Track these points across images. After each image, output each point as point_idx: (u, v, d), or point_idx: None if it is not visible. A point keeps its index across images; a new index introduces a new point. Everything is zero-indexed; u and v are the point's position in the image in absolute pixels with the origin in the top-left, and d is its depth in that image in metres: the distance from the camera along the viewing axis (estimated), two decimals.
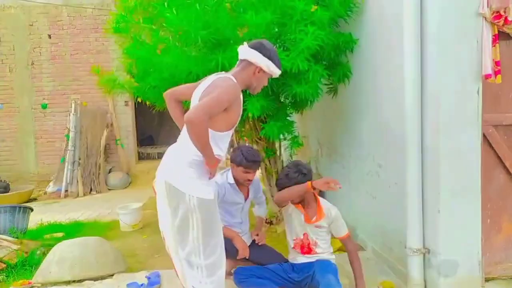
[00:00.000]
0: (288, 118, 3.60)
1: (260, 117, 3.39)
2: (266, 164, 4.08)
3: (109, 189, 7.49)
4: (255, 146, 4.06)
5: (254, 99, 3.09)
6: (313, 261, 2.55)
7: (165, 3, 2.98)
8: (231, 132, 2.08)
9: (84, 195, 7.18)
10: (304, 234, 2.58)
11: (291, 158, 3.88)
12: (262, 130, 3.40)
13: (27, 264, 3.45)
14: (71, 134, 7.49)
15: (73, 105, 7.64)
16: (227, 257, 2.65)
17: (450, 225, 2.40)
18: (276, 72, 2.07)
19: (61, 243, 3.23)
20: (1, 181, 6.79)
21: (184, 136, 2.04)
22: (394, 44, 2.73)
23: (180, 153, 2.00)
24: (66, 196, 7.15)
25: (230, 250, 2.51)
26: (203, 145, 1.87)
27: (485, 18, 2.29)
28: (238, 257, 2.55)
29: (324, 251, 2.58)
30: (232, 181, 2.61)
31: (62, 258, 3.02)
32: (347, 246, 2.59)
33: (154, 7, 3.18)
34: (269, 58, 2.01)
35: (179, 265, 2.08)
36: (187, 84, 2.31)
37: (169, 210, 2.02)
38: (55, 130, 7.82)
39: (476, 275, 2.45)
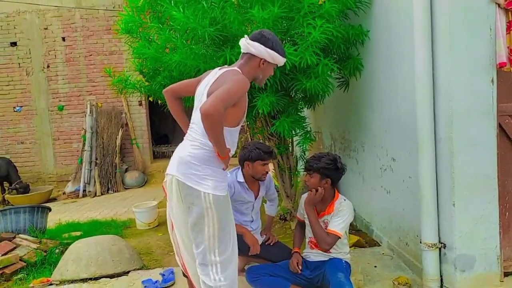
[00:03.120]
0: (299, 113, 3.57)
1: (272, 113, 3.37)
2: (278, 161, 4.06)
3: (126, 188, 7.60)
4: (267, 143, 4.05)
5: (263, 95, 3.07)
6: (326, 260, 2.51)
7: (172, 1, 2.98)
8: (239, 127, 2.07)
9: (102, 194, 7.32)
10: None
11: (304, 154, 3.84)
12: (273, 126, 3.38)
13: (46, 263, 3.54)
14: (88, 135, 7.63)
15: (88, 106, 7.78)
16: (238, 254, 2.66)
17: (466, 219, 2.34)
18: (280, 60, 2.04)
19: (78, 241, 3.29)
20: (21, 182, 6.96)
21: (192, 134, 2.03)
22: (405, 35, 2.67)
23: (191, 151, 1.98)
24: (84, 195, 7.31)
25: (242, 246, 2.50)
26: (217, 136, 1.87)
27: (499, 4, 2.21)
28: (249, 254, 2.55)
29: (338, 251, 2.53)
30: (241, 179, 2.58)
31: (78, 256, 3.08)
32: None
33: (161, 6, 3.18)
34: (272, 48, 1.99)
35: (192, 263, 2.08)
36: (187, 80, 2.29)
37: (183, 209, 2.01)
38: (72, 131, 7.99)
39: (494, 270, 2.38)
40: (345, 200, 2.51)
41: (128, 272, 3.09)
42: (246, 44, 2.00)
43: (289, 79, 3.19)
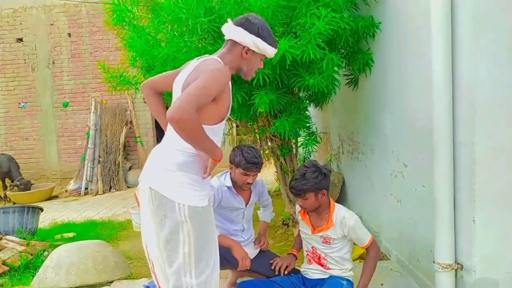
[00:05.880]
0: (303, 112, 3.29)
1: (273, 112, 3.10)
2: (281, 163, 3.80)
3: (128, 187, 7.45)
4: (269, 144, 3.79)
5: (262, 93, 2.81)
6: (325, 278, 2.24)
7: None
8: (223, 124, 1.79)
9: (104, 192, 7.17)
10: (312, 247, 2.28)
11: (310, 155, 3.57)
12: (273, 126, 3.11)
13: (31, 267, 3.34)
14: (91, 132, 7.49)
15: (93, 103, 7.63)
16: (228, 268, 2.39)
17: (488, 237, 2.02)
18: (269, 50, 1.75)
19: (60, 247, 3.08)
20: (23, 178, 6.85)
21: (169, 135, 1.77)
22: (421, 26, 2.37)
23: (167, 154, 1.71)
24: (86, 193, 7.17)
25: (231, 260, 2.25)
26: (197, 142, 1.56)
27: None
28: (238, 269, 2.28)
29: (340, 267, 2.25)
30: (229, 184, 2.31)
31: (59, 263, 2.86)
32: (368, 252, 2.26)
33: None
34: (257, 35, 1.70)
35: (167, 284, 1.81)
36: (166, 72, 2.02)
37: (155, 222, 1.73)
38: (76, 128, 7.88)
39: None
40: (344, 211, 2.24)
41: (111, 282, 2.86)
42: (228, 29, 1.73)
43: (291, 75, 2.91)
